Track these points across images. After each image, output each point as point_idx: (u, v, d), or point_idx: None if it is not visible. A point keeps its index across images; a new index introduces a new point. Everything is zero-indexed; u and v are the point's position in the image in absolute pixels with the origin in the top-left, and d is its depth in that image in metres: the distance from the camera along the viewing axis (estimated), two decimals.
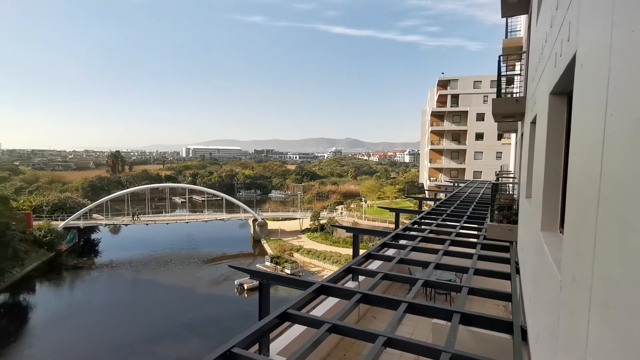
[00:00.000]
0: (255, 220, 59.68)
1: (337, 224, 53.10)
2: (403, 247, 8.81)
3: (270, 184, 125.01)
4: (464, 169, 55.97)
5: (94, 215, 58.52)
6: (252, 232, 61.46)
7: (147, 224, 57.78)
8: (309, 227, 60.20)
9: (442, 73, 58.93)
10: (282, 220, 65.15)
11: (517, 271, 6.48)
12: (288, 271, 41.35)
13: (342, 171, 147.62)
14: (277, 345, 5.92)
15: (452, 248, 8.47)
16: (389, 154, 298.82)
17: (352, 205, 73.39)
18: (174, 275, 45.38)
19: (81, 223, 54.86)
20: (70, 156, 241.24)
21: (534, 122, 5.38)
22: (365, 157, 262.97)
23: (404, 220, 32.32)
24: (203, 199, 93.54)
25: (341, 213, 67.88)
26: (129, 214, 58.51)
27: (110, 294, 40.39)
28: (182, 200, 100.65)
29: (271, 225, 61.51)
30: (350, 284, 8.43)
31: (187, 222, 59.65)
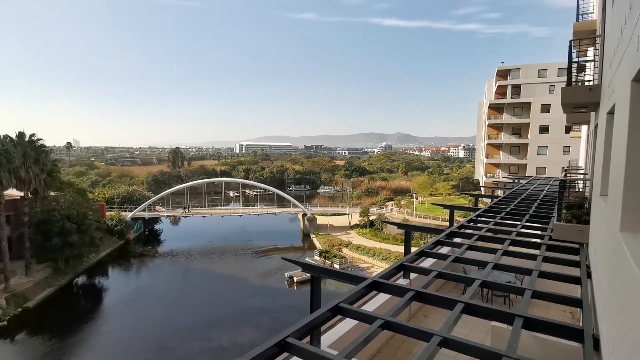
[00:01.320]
0: (304, 214, 60.63)
1: (387, 220, 52.29)
2: (458, 245, 8.47)
3: (319, 179, 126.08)
4: (525, 164, 52.28)
5: (157, 207, 62.99)
6: (301, 226, 62.51)
7: (204, 216, 61.07)
8: (358, 222, 59.97)
9: (502, 62, 55.34)
10: (330, 215, 65.50)
11: (588, 275, 5.96)
12: (337, 266, 41.56)
13: (392, 167, 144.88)
14: (328, 338, 5.97)
15: (512, 248, 7.98)
16: (442, 149, 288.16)
17: (402, 202, 71.85)
18: (228, 265, 47.60)
19: (146, 214, 59.38)
20: (137, 152, 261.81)
21: (611, 112, 4.87)
22: (417, 153, 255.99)
23: (458, 218, 30.99)
24: (255, 193, 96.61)
25: (391, 209, 66.75)
26: (187, 207, 62.33)
27: (171, 281, 43.36)
28: (236, 194, 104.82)
29: (320, 220, 62.11)
30: (402, 281, 8.27)
31: (240, 215, 62.14)
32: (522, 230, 9.67)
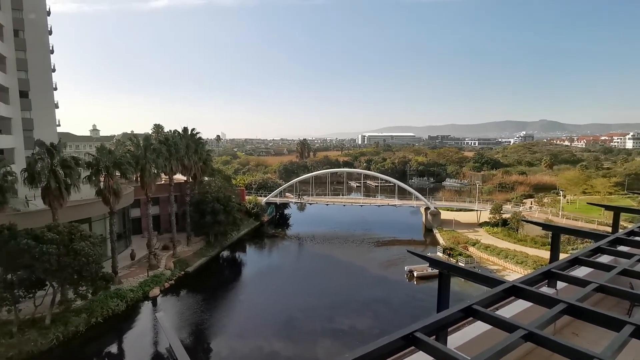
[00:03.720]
0: (427, 208, 58.23)
1: (526, 219, 46.32)
2: (626, 255, 6.91)
3: (445, 171, 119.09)
4: None
5: (287, 194, 68.83)
6: (423, 220, 60.27)
7: (327, 204, 64.20)
8: (487, 220, 54.76)
9: None
10: (456, 210, 61.35)
11: None
12: (462, 265, 38.85)
13: (533, 159, 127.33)
14: (454, 340, 5.60)
15: None
16: (602, 138, 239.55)
17: (545, 200, 62.63)
18: (348, 252, 49.17)
19: (277, 200, 65.55)
20: (270, 144, 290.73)
21: None
22: (567, 143, 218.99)
23: (625, 223, 25.51)
24: (376, 184, 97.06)
25: (530, 208, 58.86)
26: (300, 194, 66.60)
27: (297, 262, 47.08)
28: (357, 184, 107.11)
29: (444, 215, 58.78)
30: (546, 290, 7.20)
31: (361, 206, 63.28)
32: None
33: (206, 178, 52.89)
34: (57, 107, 48.66)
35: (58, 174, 29.11)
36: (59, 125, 49.62)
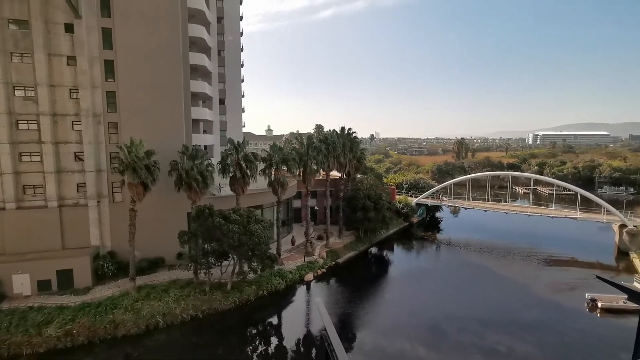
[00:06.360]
0: (622, 225, 46.44)
1: None
2: None
3: None
4: None
5: (439, 196, 65.52)
6: (616, 240, 48.33)
7: (485, 210, 58.25)
8: None
9: None
10: None
11: None
12: None
13: None
14: None
15: None
16: None
17: None
18: (508, 267, 43.48)
19: (429, 201, 63.06)
20: (424, 143, 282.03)
21: None
22: None
23: None
24: (550, 191, 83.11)
25: None
26: (469, 198, 61.51)
27: (446, 268, 44.20)
28: (525, 190, 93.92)
29: None
30: None
31: (528, 215, 55.02)
32: None
33: (359, 175, 54.99)
34: (244, 111, 58.59)
35: (242, 167, 35.12)
36: (244, 126, 59.72)
